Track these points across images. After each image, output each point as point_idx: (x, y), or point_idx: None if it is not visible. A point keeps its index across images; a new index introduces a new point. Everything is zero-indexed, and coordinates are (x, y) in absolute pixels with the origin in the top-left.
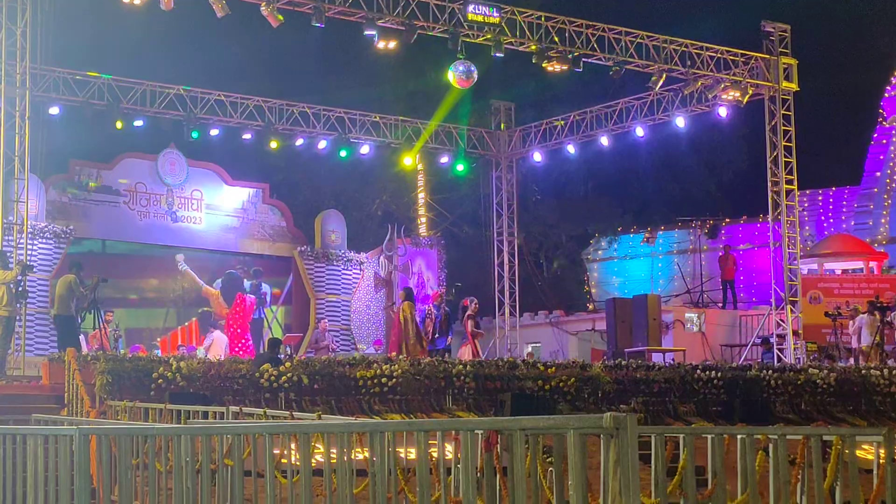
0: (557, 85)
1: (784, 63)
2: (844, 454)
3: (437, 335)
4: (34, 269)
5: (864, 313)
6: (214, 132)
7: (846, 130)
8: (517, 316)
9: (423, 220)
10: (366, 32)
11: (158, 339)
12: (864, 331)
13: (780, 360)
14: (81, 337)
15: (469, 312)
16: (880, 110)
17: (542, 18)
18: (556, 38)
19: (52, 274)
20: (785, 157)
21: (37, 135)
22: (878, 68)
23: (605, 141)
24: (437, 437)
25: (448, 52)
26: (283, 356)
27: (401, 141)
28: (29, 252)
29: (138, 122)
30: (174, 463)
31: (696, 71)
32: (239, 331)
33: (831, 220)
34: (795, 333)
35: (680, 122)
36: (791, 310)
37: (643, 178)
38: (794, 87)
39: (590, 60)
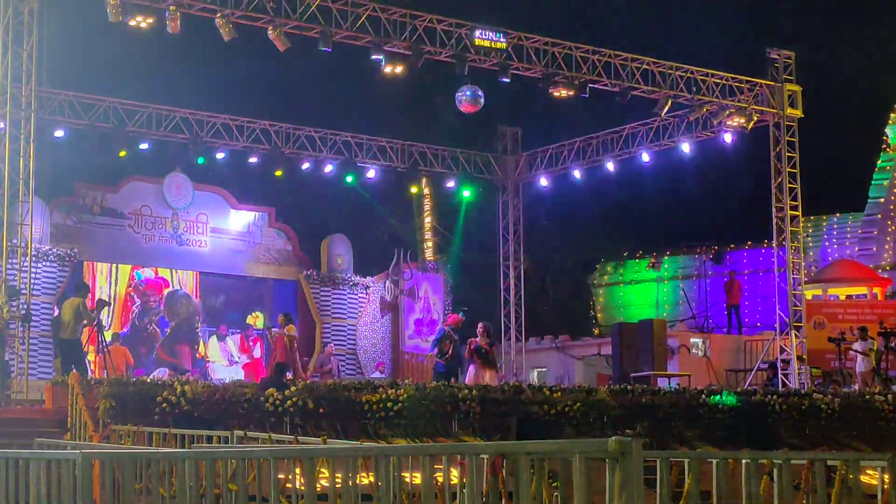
0: (564, 110)
1: (788, 90)
2: (849, 479)
3: (453, 359)
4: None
5: (864, 339)
6: (220, 155)
7: (850, 157)
8: (523, 340)
9: (430, 244)
10: (373, 57)
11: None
12: (859, 357)
13: (784, 385)
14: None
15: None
16: (884, 136)
17: (549, 44)
18: (563, 64)
19: (55, 297)
20: (789, 183)
21: (42, 157)
22: (882, 95)
23: (610, 166)
24: (442, 461)
25: (455, 76)
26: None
27: (407, 165)
28: (33, 275)
29: (144, 145)
30: (178, 488)
31: (702, 97)
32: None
33: (835, 246)
34: (800, 358)
35: (685, 147)
36: (795, 335)
37: (649, 203)
38: (798, 113)
39: (596, 86)
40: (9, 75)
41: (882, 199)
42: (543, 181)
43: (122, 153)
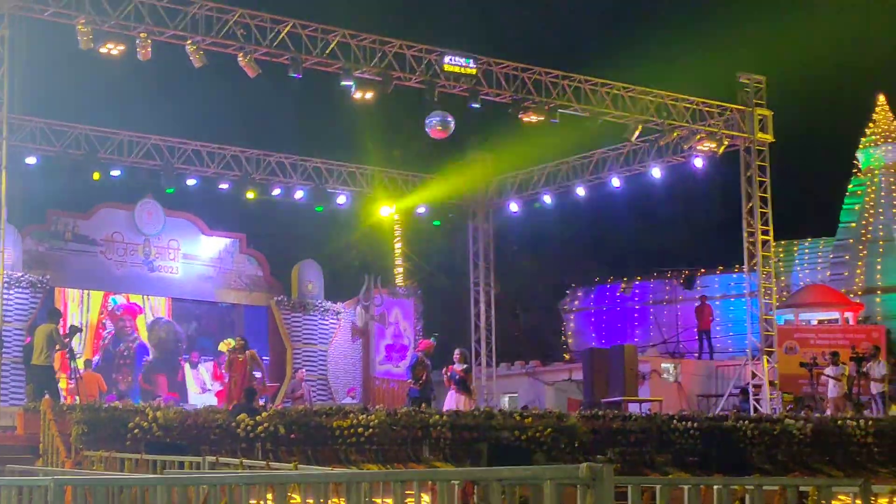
0: (534, 136)
1: (759, 114)
2: None
3: (427, 385)
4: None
5: (835, 364)
6: (191, 182)
7: (821, 181)
8: (494, 366)
9: (400, 270)
10: (343, 83)
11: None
12: (831, 382)
13: (756, 410)
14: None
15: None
16: (855, 161)
17: (519, 70)
18: (533, 89)
19: (27, 323)
20: (760, 207)
21: (14, 184)
22: (852, 119)
23: (581, 192)
24: (413, 487)
25: (425, 102)
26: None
27: (377, 191)
28: (5, 302)
29: (115, 172)
30: None
31: (672, 122)
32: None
33: (807, 271)
34: (771, 384)
35: (656, 172)
36: (767, 360)
37: (619, 228)
38: (769, 138)
39: (566, 111)
40: None
41: (853, 224)
42: (514, 206)
43: (96, 176)
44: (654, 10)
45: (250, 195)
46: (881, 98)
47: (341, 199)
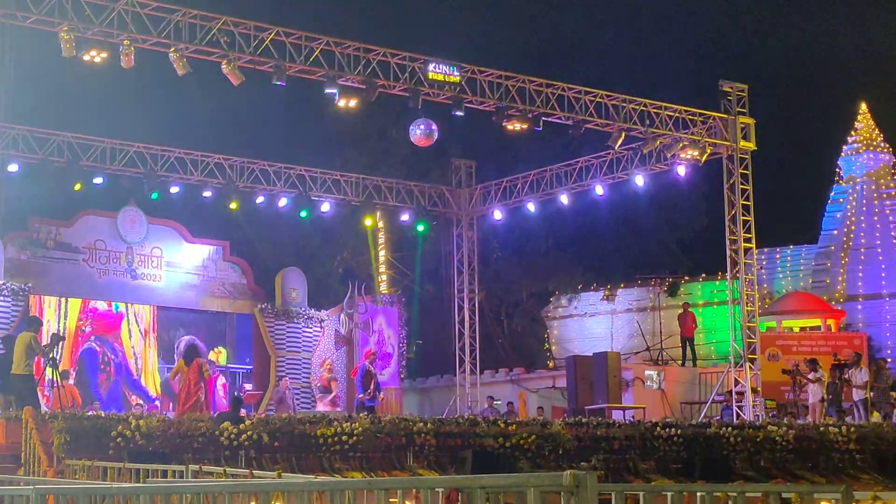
0: (517, 143)
1: (742, 122)
2: None
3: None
4: None
5: (814, 371)
6: (175, 190)
7: (803, 189)
8: (478, 373)
9: (384, 277)
10: (327, 91)
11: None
12: (813, 387)
13: (738, 417)
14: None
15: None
16: (836, 169)
17: (502, 77)
18: (516, 97)
19: (9, 332)
20: (743, 215)
21: None
22: (834, 127)
23: (564, 199)
24: (397, 495)
25: (409, 110)
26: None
27: (361, 199)
28: None
29: (98, 180)
30: None
31: (655, 130)
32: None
33: (789, 278)
34: (754, 391)
35: (639, 180)
36: (750, 367)
37: (603, 235)
38: (751, 146)
39: (549, 119)
40: None
41: (835, 231)
42: (497, 214)
43: (78, 186)
44: (636, 18)
45: (234, 203)
46: (863, 106)
47: (325, 207)
